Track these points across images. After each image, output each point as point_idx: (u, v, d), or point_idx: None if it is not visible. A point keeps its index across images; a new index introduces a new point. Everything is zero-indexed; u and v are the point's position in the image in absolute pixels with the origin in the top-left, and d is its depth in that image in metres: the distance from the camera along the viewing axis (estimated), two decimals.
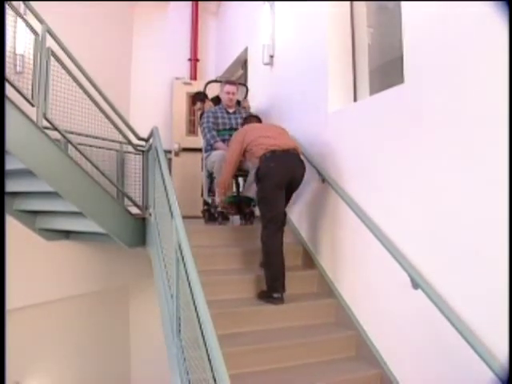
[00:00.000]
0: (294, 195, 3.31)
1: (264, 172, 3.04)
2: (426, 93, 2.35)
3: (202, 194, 4.33)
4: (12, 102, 2.85)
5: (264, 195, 3.08)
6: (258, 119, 3.70)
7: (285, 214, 3.24)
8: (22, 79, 3.16)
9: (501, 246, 1.83)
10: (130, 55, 5.92)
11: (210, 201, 4.01)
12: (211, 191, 3.99)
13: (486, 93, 1.97)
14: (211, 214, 4.12)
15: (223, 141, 3.92)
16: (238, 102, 4.36)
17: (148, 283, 4.15)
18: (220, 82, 4.42)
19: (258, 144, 3.14)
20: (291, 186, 3.14)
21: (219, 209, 3.87)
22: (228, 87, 4.08)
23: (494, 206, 1.92)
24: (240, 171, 3.57)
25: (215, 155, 3.77)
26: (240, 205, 3.96)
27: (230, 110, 4.12)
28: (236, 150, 3.29)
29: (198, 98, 4.63)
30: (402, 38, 2.55)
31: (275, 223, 3.02)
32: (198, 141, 5.47)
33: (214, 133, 3.95)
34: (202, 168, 4.24)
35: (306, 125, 3.68)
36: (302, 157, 3.24)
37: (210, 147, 3.95)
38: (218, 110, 4.08)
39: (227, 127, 4.03)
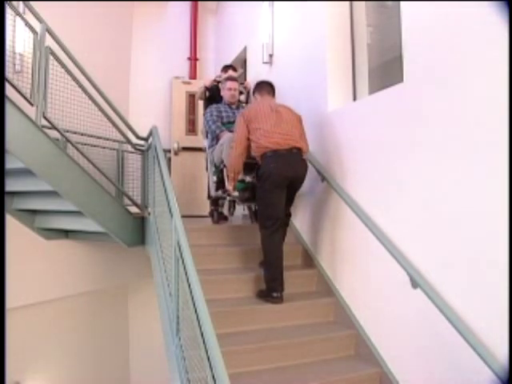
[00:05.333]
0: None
1: (263, 171, 3.01)
2: (426, 92, 2.35)
3: (208, 196, 4.24)
4: (11, 101, 2.84)
5: (263, 195, 3.06)
6: (270, 87, 3.43)
7: (288, 215, 3.22)
8: (21, 78, 3.15)
9: (501, 246, 1.83)
10: (130, 54, 5.91)
11: (222, 194, 3.74)
12: (222, 183, 3.67)
13: (486, 92, 1.96)
14: (220, 214, 4.10)
15: None
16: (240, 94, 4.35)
17: (147, 282, 4.15)
18: (219, 82, 4.38)
19: (263, 136, 3.02)
20: (293, 186, 3.09)
21: (235, 194, 3.46)
22: (230, 83, 4.05)
23: (494, 206, 1.92)
24: (249, 159, 3.30)
25: (222, 139, 3.64)
26: (254, 189, 3.60)
27: (233, 107, 4.10)
28: (243, 127, 3.11)
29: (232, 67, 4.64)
30: (402, 37, 2.55)
31: (273, 223, 2.99)
32: (198, 140, 5.49)
33: (219, 123, 3.87)
34: (207, 168, 4.12)
35: (306, 124, 3.67)
36: (304, 156, 3.15)
37: (216, 140, 3.82)
38: (220, 105, 4.04)
39: (231, 120, 3.91)
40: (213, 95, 4.38)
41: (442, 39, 2.23)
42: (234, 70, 4.48)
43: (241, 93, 4.34)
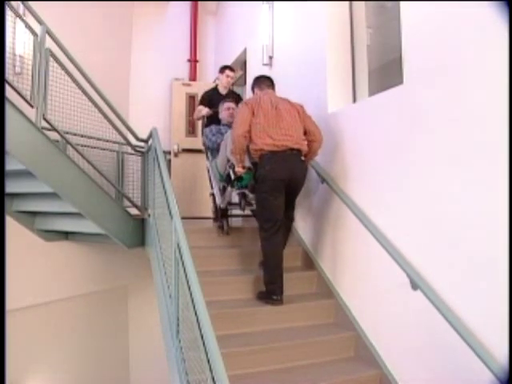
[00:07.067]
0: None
1: (259, 174, 2.98)
2: (426, 93, 2.35)
3: (214, 217, 4.06)
4: (11, 103, 2.85)
5: (260, 197, 3.04)
6: (269, 80, 3.38)
7: (291, 219, 3.19)
8: (21, 80, 3.16)
9: (501, 247, 1.83)
10: (129, 56, 5.91)
11: (231, 188, 3.50)
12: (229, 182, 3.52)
13: (485, 93, 1.97)
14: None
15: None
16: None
17: (147, 284, 4.15)
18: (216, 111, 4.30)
19: (261, 132, 2.96)
20: (291, 188, 3.03)
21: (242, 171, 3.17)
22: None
23: (493, 206, 1.92)
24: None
25: (224, 137, 3.56)
26: None
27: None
28: (246, 111, 3.03)
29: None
30: (401, 39, 2.55)
31: (272, 226, 2.96)
32: (198, 142, 5.49)
33: (219, 135, 3.85)
34: (211, 186, 3.97)
35: None
36: (317, 148, 3.12)
37: (217, 150, 3.74)
38: (219, 126, 4.01)
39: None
40: (211, 115, 4.28)
41: (442, 40, 2.23)
42: (232, 70, 4.47)
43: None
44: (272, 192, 2.95)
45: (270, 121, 3.01)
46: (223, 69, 4.45)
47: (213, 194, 3.99)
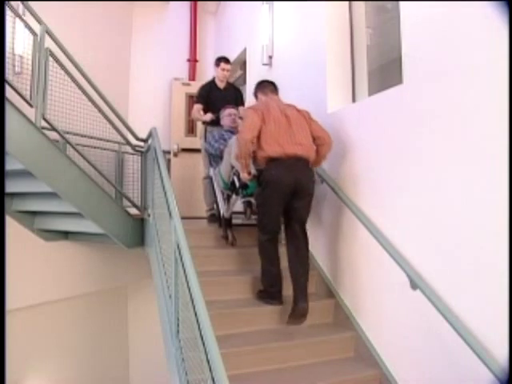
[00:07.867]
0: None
1: (264, 177, 2.89)
2: (425, 93, 2.35)
3: (209, 219, 4.14)
4: (11, 103, 2.85)
5: (261, 201, 2.99)
6: (273, 85, 3.28)
7: (302, 229, 2.99)
8: (21, 80, 3.16)
9: (500, 247, 1.83)
10: (129, 55, 5.91)
11: (236, 196, 3.41)
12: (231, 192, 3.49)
13: (486, 93, 1.97)
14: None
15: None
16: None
17: (146, 284, 4.15)
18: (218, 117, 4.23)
19: (270, 139, 2.86)
20: (298, 198, 2.87)
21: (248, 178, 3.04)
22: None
23: (493, 206, 1.92)
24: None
25: (229, 143, 3.49)
26: None
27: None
28: (255, 116, 2.89)
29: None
30: (401, 39, 2.55)
31: (270, 231, 2.93)
32: (197, 141, 5.49)
33: (222, 141, 3.78)
34: (215, 194, 3.89)
35: None
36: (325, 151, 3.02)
37: (220, 157, 3.67)
38: (221, 130, 3.96)
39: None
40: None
41: (442, 40, 2.23)
42: (227, 61, 4.40)
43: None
44: (274, 197, 2.86)
45: (280, 128, 2.90)
46: (218, 61, 4.40)
47: (216, 202, 3.91)
